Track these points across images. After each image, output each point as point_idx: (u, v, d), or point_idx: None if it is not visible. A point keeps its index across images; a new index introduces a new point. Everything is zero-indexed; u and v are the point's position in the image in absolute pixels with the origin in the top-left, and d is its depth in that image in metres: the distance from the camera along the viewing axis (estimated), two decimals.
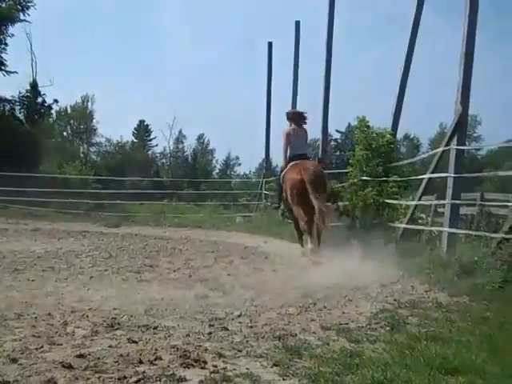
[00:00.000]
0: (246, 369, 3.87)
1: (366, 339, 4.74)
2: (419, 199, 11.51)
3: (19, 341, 4.35)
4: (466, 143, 11.28)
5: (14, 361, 3.85)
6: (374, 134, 13.12)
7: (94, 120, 51.88)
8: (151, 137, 68.13)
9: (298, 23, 21.35)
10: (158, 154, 67.22)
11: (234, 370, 3.85)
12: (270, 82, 24.06)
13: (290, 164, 10.27)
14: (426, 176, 11.10)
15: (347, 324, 5.32)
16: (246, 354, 4.23)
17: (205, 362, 3.97)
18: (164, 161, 66.94)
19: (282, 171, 10.85)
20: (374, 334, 4.95)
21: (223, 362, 4.04)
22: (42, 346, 4.22)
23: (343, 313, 5.87)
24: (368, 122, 13.43)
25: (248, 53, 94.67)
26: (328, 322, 5.32)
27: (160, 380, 3.58)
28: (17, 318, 5.09)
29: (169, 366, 3.85)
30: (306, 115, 10.86)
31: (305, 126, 10.80)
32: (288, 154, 10.51)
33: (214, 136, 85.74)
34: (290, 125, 10.85)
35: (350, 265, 9.46)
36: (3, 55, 30.83)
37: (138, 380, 3.55)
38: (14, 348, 4.13)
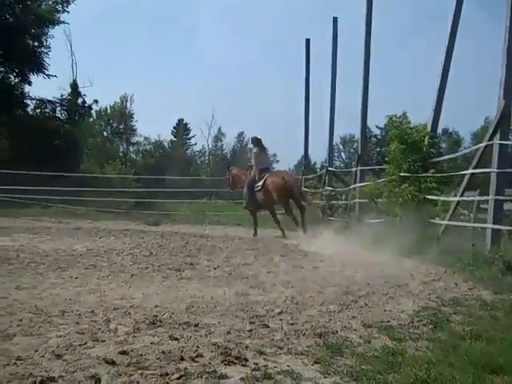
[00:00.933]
0: (287, 366, 3.86)
1: (408, 337, 4.68)
2: (461, 195, 11.34)
3: (63, 337, 4.41)
4: (510, 138, 11.06)
5: (59, 357, 3.91)
6: (409, 129, 12.96)
7: (133, 119, 52.42)
8: (190, 135, 68.57)
9: (335, 19, 21.24)
10: (196, 153, 67.62)
11: (275, 367, 3.84)
12: (308, 79, 24.00)
13: (267, 173, 15.31)
14: (469, 172, 10.93)
15: (389, 322, 5.26)
16: (286, 352, 4.22)
17: (246, 360, 3.97)
18: (203, 159, 67.28)
19: (253, 179, 15.42)
20: (416, 332, 4.89)
21: (264, 359, 4.03)
22: (86, 343, 4.27)
23: (385, 310, 5.80)
24: (402, 118, 13.27)
25: (286, 50, 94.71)
26: (369, 320, 5.27)
27: (201, 377, 3.59)
28: (61, 314, 5.17)
29: (210, 363, 3.86)
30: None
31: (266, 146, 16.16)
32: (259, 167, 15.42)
33: (253, 133, 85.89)
34: (255, 147, 16.04)
35: (390, 262, 9.38)
36: (45, 58, 31.39)
37: (180, 377, 3.57)
38: (58, 344, 4.19)
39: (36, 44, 31.41)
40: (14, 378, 3.46)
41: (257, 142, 15.91)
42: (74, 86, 34.63)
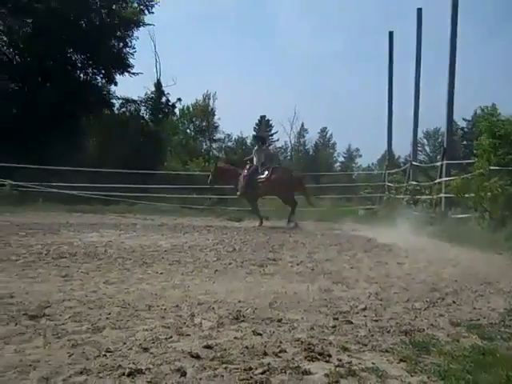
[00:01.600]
0: (372, 363, 3.80)
1: (499, 336, 4.51)
2: None
3: (150, 331, 4.51)
4: None
5: (146, 350, 4.00)
6: (501, 122, 12.49)
7: (216, 117, 53.09)
8: (272, 131, 68.83)
9: (419, 10, 20.77)
10: (279, 149, 67.81)
11: (360, 364, 3.78)
12: (391, 72, 23.60)
13: (270, 168, 17.34)
14: None
15: (478, 320, 5.09)
16: (371, 349, 4.15)
17: (329, 356, 3.94)
18: (285, 155, 67.39)
19: (254, 171, 17.08)
20: (508, 331, 4.70)
21: (348, 355, 3.98)
22: (171, 336, 4.35)
23: (474, 308, 5.62)
24: (492, 110, 12.82)
25: (369, 43, 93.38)
26: (458, 318, 5.12)
27: (285, 372, 3.58)
28: (147, 309, 5.28)
29: (293, 359, 3.85)
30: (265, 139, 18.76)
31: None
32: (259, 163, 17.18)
33: (335, 128, 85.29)
34: (256, 144, 18.20)
35: (479, 258, 9.08)
36: (130, 59, 32.27)
37: (264, 372, 3.58)
38: (145, 337, 4.29)
39: (121, 45, 32.35)
40: (104, 369, 3.57)
41: (257, 139, 18.80)
42: (158, 85, 35.43)
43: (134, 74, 32.19)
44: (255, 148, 18.04)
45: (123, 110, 34.54)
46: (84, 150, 30.21)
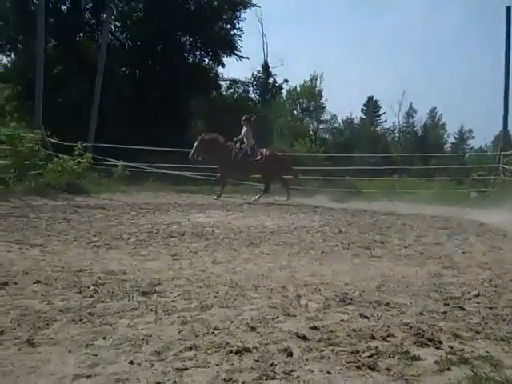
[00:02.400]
0: (486, 352, 3.63)
1: None
2: None
3: (257, 310, 4.55)
4: None
5: (253, 329, 4.04)
6: None
7: (323, 98, 52.74)
8: (380, 112, 67.59)
9: None
10: (386, 130, 66.52)
11: (472, 352, 3.64)
12: (508, 50, 22.43)
13: (263, 149, 18.22)
14: None
15: None
16: (484, 337, 3.98)
17: (440, 342, 3.81)
18: (393, 136, 66.02)
19: (244, 153, 17.59)
20: None
21: (459, 343, 3.84)
22: (278, 317, 4.37)
23: None
24: None
25: (482, 20, 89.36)
26: None
27: (393, 357, 3.50)
28: (254, 289, 5.33)
29: (402, 344, 3.76)
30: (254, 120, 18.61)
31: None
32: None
33: (446, 108, 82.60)
34: (245, 126, 17.93)
35: None
36: (237, 40, 32.59)
37: (371, 355, 3.52)
38: (252, 317, 4.34)
39: (229, 27, 32.73)
40: (212, 346, 3.64)
41: (247, 121, 18.07)
42: (266, 66, 35.62)
43: (241, 57, 32.52)
44: (244, 129, 17.99)
45: (231, 91, 35.01)
46: (192, 130, 30.88)
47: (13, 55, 31.58)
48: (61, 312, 4.34)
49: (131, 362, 3.35)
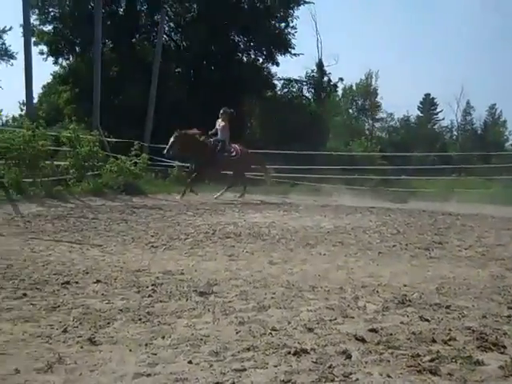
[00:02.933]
0: None
1: None
2: None
3: (314, 311, 4.52)
4: None
5: (311, 330, 4.01)
6: None
7: (378, 96, 52.16)
8: (437, 110, 66.40)
9: None
10: (444, 128, 65.27)
11: None
12: None
13: (236, 144, 17.62)
14: None
15: None
16: None
17: (504, 347, 3.70)
18: (451, 134, 64.74)
19: (221, 148, 16.95)
20: None
21: None
22: (336, 318, 4.33)
23: None
24: None
25: None
26: None
27: (455, 361, 3.42)
28: (311, 290, 5.30)
29: (464, 348, 3.67)
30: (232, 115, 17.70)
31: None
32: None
33: (506, 105, 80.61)
34: (224, 120, 17.20)
35: None
36: (291, 39, 32.56)
37: (432, 359, 3.44)
38: (309, 318, 4.31)
39: (282, 25, 32.72)
40: (270, 347, 3.63)
41: (226, 114, 17.36)
42: (320, 64, 35.46)
43: (295, 54, 32.50)
44: (222, 124, 17.28)
45: (285, 90, 34.99)
46: (246, 131, 31.02)
47: (71, 58, 32.41)
48: (120, 311, 4.41)
49: (190, 362, 3.37)
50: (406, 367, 3.33)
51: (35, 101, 29.06)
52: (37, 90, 37.60)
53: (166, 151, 16.81)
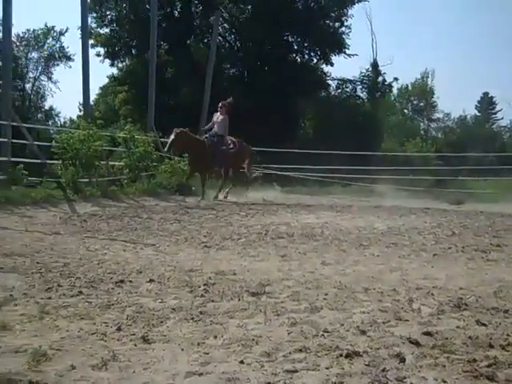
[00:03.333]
0: None
1: None
2: None
3: (367, 313, 4.47)
4: None
5: (363, 332, 3.96)
6: None
7: (434, 96, 51.25)
8: (496, 109, 64.83)
9: None
10: (503, 128, 63.64)
11: None
12: None
13: (232, 138, 16.77)
14: None
15: None
16: None
17: None
18: (510, 134, 63.08)
19: (222, 143, 16.27)
20: None
21: None
22: (389, 321, 4.26)
23: None
24: None
25: None
26: None
27: None
28: (364, 291, 5.24)
29: None
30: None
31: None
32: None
33: None
34: (223, 114, 16.50)
35: None
36: (345, 38, 32.36)
37: (490, 365, 3.34)
38: (362, 320, 4.25)
39: (337, 25, 32.52)
40: (322, 348, 3.60)
41: (224, 108, 16.64)
42: (375, 64, 35.11)
43: (349, 55, 32.28)
44: (221, 117, 16.54)
45: (339, 90, 34.79)
46: (300, 131, 30.95)
47: (127, 60, 33.00)
48: (173, 310, 4.45)
49: (241, 362, 3.37)
50: (462, 372, 3.25)
51: (93, 102, 29.72)
52: (94, 91, 38.61)
53: (166, 149, 16.69)
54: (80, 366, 3.25)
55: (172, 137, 15.82)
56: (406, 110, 51.04)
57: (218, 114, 16.64)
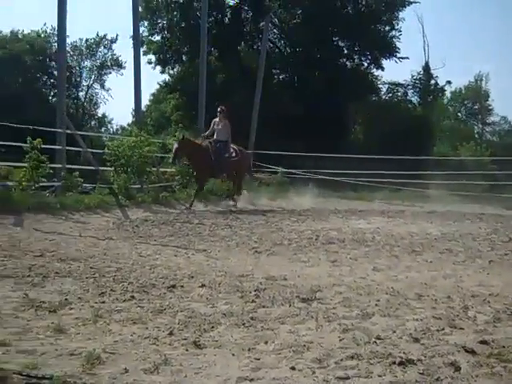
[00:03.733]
0: None
1: None
2: None
3: (420, 321, 4.39)
4: None
5: (417, 340, 3.89)
6: None
7: (489, 99, 50.16)
8: None
9: None
10: None
11: None
12: None
13: (231, 146, 15.67)
14: None
15: None
16: None
17: None
18: None
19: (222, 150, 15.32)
20: None
21: None
22: (443, 328, 4.18)
23: None
24: None
25: None
26: None
27: None
28: (417, 298, 5.16)
29: None
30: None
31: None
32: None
33: None
34: (224, 119, 15.49)
35: None
36: (396, 42, 32.00)
37: None
38: (415, 327, 4.18)
39: (387, 29, 32.20)
40: (374, 355, 3.55)
41: (223, 113, 15.62)
42: (426, 67, 34.57)
43: (400, 58, 31.91)
44: (222, 123, 15.45)
45: (389, 94, 34.45)
46: (350, 136, 30.76)
47: (178, 67, 33.42)
48: (224, 315, 4.46)
49: (293, 368, 3.35)
50: None
51: (144, 108, 30.15)
52: (146, 98, 39.17)
53: (171, 160, 15.49)
54: (133, 369, 3.29)
55: (176, 146, 14.98)
56: (459, 114, 50.09)
57: (217, 119, 15.63)
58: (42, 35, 40.52)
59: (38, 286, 5.31)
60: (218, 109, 15.71)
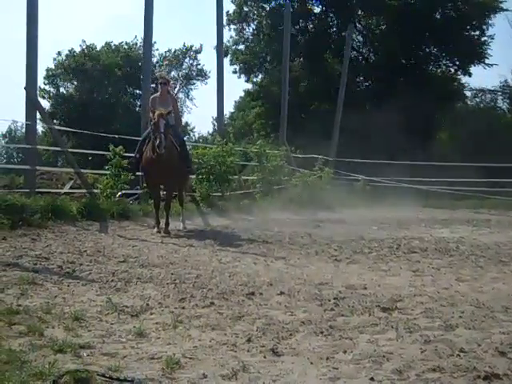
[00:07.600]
0: None
1: None
2: None
3: (507, 334, 4.21)
4: None
5: (503, 354, 3.74)
6: None
7: None
8: None
9: None
10: None
11: None
12: None
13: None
14: None
15: None
16: None
17: None
18: None
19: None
20: None
21: None
22: None
23: None
24: None
25: None
26: None
27: None
28: (504, 310, 4.95)
29: None
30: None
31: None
32: None
33: None
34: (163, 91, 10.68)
35: None
36: (486, 48, 31.08)
37: None
38: (502, 341, 4.01)
39: (477, 34, 31.31)
40: (457, 369, 3.44)
41: (160, 83, 10.90)
42: None
43: (489, 65, 30.97)
44: (168, 96, 10.86)
45: (477, 99, 33.56)
46: (434, 143, 30.04)
47: (261, 75, 33.73)
48: (303, 323, 4.44)
49: (372, 379, 3.29)
50: None
51: (226, 115, 30.54)
52: (230, 104, 39.72)
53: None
54: (211, 375, 3.31)
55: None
56: None
57: (159, 94, 10.79)
58: (133, 47, 41.73)
59: (121, 291, 5.44)
60: (159, 80, 11.18)
